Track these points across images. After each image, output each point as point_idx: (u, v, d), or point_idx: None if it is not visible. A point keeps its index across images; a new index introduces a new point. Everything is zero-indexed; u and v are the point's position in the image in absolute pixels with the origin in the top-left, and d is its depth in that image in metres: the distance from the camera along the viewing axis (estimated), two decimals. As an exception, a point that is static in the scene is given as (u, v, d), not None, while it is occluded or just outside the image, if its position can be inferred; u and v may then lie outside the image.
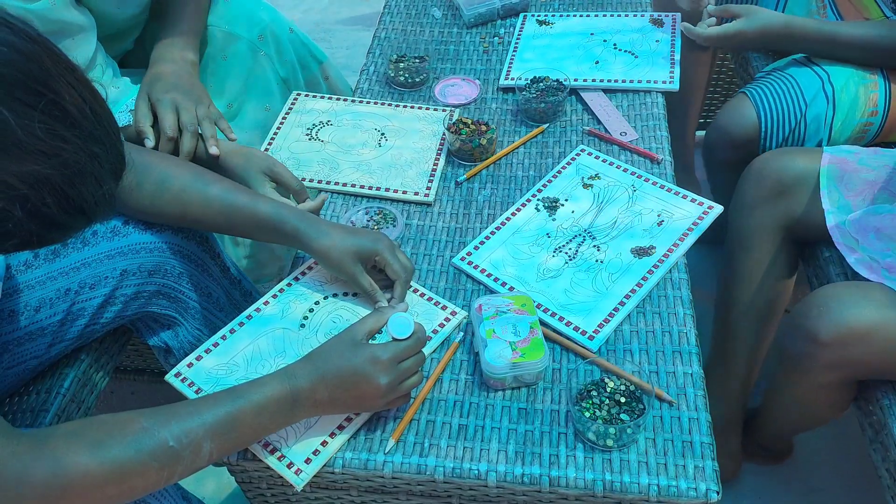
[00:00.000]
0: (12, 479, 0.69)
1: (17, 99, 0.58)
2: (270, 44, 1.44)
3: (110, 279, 1.03)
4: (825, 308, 1.00)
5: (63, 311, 1.02)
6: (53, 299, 1.02)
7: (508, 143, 1.29)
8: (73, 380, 1.08)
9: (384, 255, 0.99)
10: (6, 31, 0.59)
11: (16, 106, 0.58)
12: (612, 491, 0.84)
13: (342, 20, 2.76)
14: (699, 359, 0.96)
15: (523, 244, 1.12)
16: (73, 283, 1.02)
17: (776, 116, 1.30)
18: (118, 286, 1.04)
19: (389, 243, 1.01)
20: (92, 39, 1.16)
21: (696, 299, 1.04)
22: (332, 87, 1.58)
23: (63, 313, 1.02)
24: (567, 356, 0.98)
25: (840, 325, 0.97)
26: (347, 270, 0.99)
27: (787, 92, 1.30)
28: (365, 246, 0.99)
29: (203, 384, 0.96)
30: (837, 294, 1.01)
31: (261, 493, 0.97)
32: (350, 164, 1.26)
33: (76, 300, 1.02)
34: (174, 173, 1.00)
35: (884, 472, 1.03)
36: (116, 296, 1.05)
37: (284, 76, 1.47)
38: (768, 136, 1.32)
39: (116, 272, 1.03)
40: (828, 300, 1.00)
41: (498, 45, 1.50)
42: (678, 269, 1.07)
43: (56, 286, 1.02)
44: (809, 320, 1.01)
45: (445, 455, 0.88)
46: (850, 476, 1.39)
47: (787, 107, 1.30)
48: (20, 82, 0.59)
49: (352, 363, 0.85)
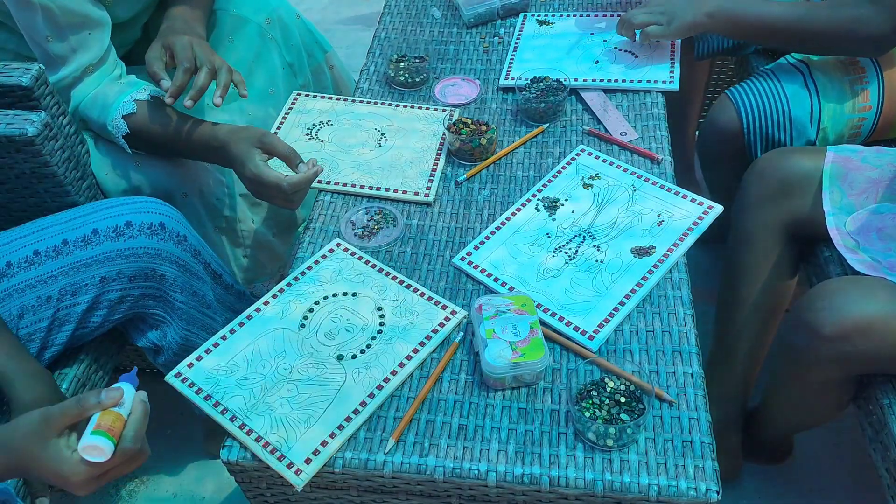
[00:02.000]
0: None
1: None
2: (277, 28, 1.45)
3: (90, 286, 1.05)
4: (827, 302, 0.99)
5: (48, 318, 1.04)
6: (35, 306, 1.03)
7: (508, 143, 1.29)
8: (72, 379, 1.09)
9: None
10: None
11: None
12: (612, 491, 0.84)
13: (342, 20, 2.76)
14: (699, 359, 0.96)
15: (523, 244, 1.12)
16: (52, 290, 1.04)
17: (757, 113, 1.32)
18: (101, 292, 1.06)
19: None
20: (106, 36, 1.19)
21: (696, 298, 1.04)
22: (336, 77, 1.59)
23: (49, 319, 1.04)
24: (567, 356, 0.98)
25: (842, 318, 0.97)
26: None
27: (768, 89, 1.32)
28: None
29: (203, 384, 0.96)
30: (840, 288, 1.01)
31: (261, 493, 0.97)
32: (350, 163, 1.26)
33: (59, 306, 1.04)
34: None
35: (884, 472, 1.03)
36: (101, 301, 1.06)
37: (290, 61, 1.47)
38: (752, 132, 1.33)
39: (95, 279, 1.05)
40: (830, 294, 1.00)
41: (498, 45, 1.50)
42: (678, 268, 1.07)
43: (36, 293, 1.03)
44: (811, 314, 1.00)
45: (445, 455, 0.88)
46: (850, 476, 1.39)
47: (767, 103, 1.31)
48: None
49: (40, 459, 0.72)
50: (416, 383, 0.96)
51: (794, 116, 1.30)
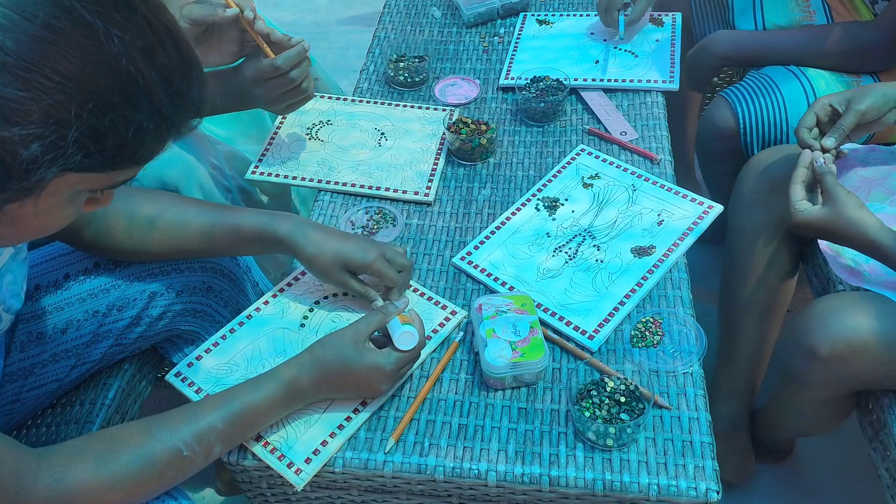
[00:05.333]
0: (12, 493, 0.69)
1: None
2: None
3: (139, 301, 1.01)
4: (823, 322, 0.99)
5: (90, 334, 1.00)
6: (81, 321, 0.99)
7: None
8: (117, 390, 1.05)
9: (375, 267, 0.97)
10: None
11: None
12: (612, 490, 0.84)
13: (342, 20, 2.76)
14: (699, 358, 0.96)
15: (523, 244, 1.12)
16: (101, 304, 1.00)
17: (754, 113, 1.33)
18: (145, 307, 1.02)
19: (379, 253, 0.97)
20: None
21: (697, 298, 1.04)
22: (321, 88, 1.57)
23: (89, 335, 1.00)
24: (567, 356, 0.98)
25: (837, 340, 0.97)
26: (334, 278, 0.98)
27: (764, 89, 1.33)
28: (353, 257, 0.96)
29: (203, 384, 0.96)
30: (834, 308, 1.00)
31: (261, 493, 0.97)
32: (349, 163, 1.26)
33: (104, 322, 1.00)
34: (144, 205, 0.96)
35: (883, 472, 1.03)
36: (142, 317, 1.02)
37: None
38: (748, 132, 1.34)
39: (145, 294, 1.01)
40: (825, 314, 1.00)
41: (498, 45, 1.50)
42: (678, 268, 1.07)
43: (85, 308, 0.99)
44: (807, 336, 1.00)
45: (445, 455, 0.88)
46: (850, 476, 1.38)
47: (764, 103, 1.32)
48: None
49: (354, 367, 0.87)
50: (416, 383, 0.96)
51: (790, 116, 1.30)
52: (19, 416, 0.99)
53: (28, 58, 0.53)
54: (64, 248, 1.01)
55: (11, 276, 0.83)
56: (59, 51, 0.54)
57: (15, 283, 0.84)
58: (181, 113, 0.63)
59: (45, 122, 0.54)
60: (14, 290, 0.84)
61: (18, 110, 0.53)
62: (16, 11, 0.52)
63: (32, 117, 0.54)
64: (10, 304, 0.84)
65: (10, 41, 0.52)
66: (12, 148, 0.54)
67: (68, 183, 0.60)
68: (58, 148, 0.55)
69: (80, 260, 1.01)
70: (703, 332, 0.97)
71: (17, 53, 0.52)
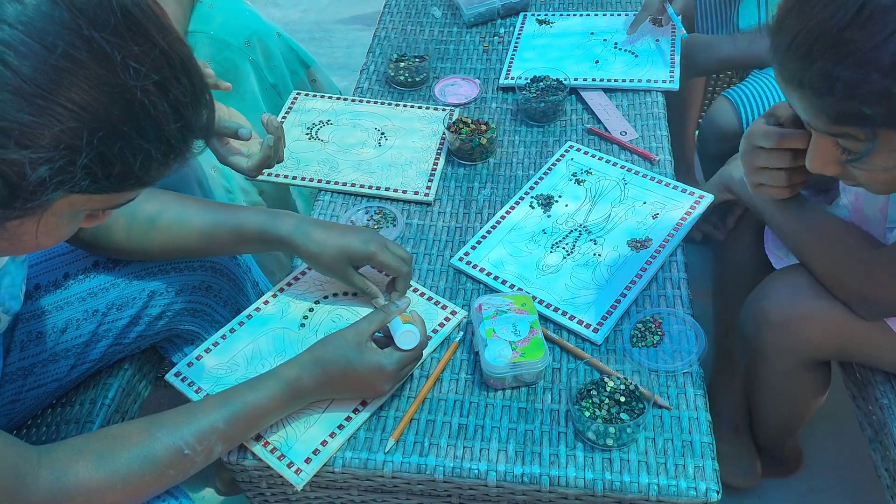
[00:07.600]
0: (12, 490, 0.69)
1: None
2: (258, 50, 1.42)
3: (138, 300, 1.01)
4: (773, 289, 1.04)
5: (89, 333, 1.00)
6: (80, 320, 0.99)
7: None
8: (117, 389, 1.05)
9: (377, 256, 0.97)
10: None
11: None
12: (612, 490, 0.84)
13: (342, 19, 2.76)
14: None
15: (521, 242, 1.12)
16: (101, 304, 1.00)
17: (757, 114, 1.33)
18: (144, 307, 1.02)
19: (381, 242, 0.98)
20: None
21: (696, 298, 1.04)
22: (319, 90, 1.57)
23: (89, 335, 1.00)
24: (567, 356, 0.98)
25: (784, 304, 1.02)
26: (339, 274, 0.98)
27: (766, 90, 1.34)
28: (355, 248, 0.97)
29: (203, 383, 0.96)
30: (785, 276, 1.05)
31: (261, 493, 0.97)
32: (350, 163, 1.26)
33: (103, 321, 1.00)
34: (144, 204, 0.95)
35: (883, 472, 1.03)
36: (142, 316, 1.02)
37: (273, 82, 1.45)
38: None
39: (144, 293, 1.01)
40: (776, 281, 1.05)
41: (498, 45, 1.50)
42: (678, 268, 1.07)
43: (84, 307, 0.99)
44: (758, 302, 1.05)
45: (445, 454, 0.88)
46: (850, 476, 1.38)
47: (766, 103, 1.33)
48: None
49: (356, 367, 0.87)
50: (416, 383, 0.96)
51: None
52: (19, 415, 0.99)
53: (45, 86, 0.53)
54: (63, 247, 1.01)
55: (10, 278, 0.83)
56: (76, 80, 0.54)
57: (14, 285, 0.84)
58: (189, 143, 0.63)
59: (55, 147, 0.54)
60: (13, 292, 0.84)
61: (30, 134, 0.53)
62: (37, 41, 0.53)
63: (43, 142, 0.54)
64: (10, 305, 0.84)
65: (27, 68, 0.53)
66: (21, 169, 0.54)
67: (71, 203, 0.60)
68: (66, 172, 0.56)
69: (79, 259, 1.01)
70: (702, 331, 0.98)
71: (35, 81, 0.53)
